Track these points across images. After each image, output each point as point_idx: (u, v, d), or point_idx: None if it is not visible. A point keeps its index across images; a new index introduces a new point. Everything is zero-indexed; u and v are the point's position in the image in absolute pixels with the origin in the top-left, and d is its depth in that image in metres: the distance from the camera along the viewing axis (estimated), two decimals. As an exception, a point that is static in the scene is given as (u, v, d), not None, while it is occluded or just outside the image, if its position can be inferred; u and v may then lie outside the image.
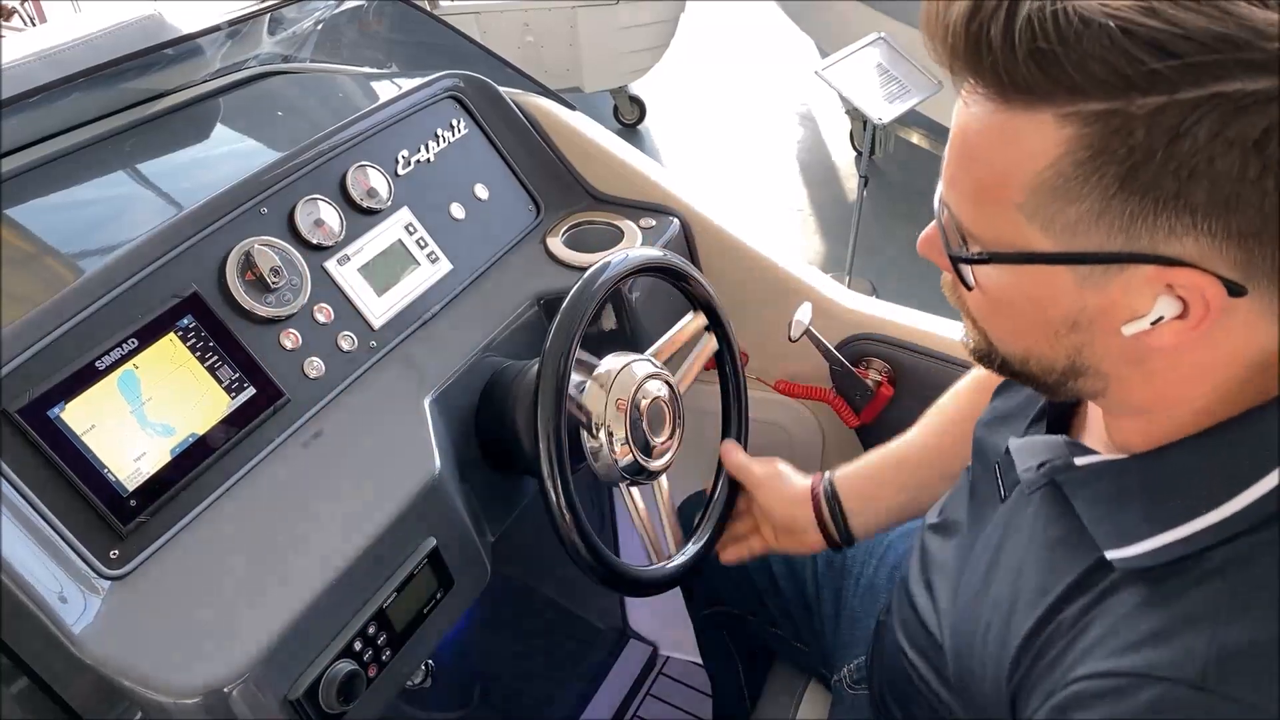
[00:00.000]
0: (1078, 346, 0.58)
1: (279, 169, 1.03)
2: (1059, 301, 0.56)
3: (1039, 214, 0.53)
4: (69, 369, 0.82)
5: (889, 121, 2.88)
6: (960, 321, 1.23)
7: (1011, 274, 0.57)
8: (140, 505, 0.83)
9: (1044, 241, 0.54)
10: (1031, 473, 0.69)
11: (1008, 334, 0.62)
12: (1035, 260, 0.55)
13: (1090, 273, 0.53)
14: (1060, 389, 0.62)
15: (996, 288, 0.59)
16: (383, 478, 0.90)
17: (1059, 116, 0.49)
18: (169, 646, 0.76)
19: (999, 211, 0.55)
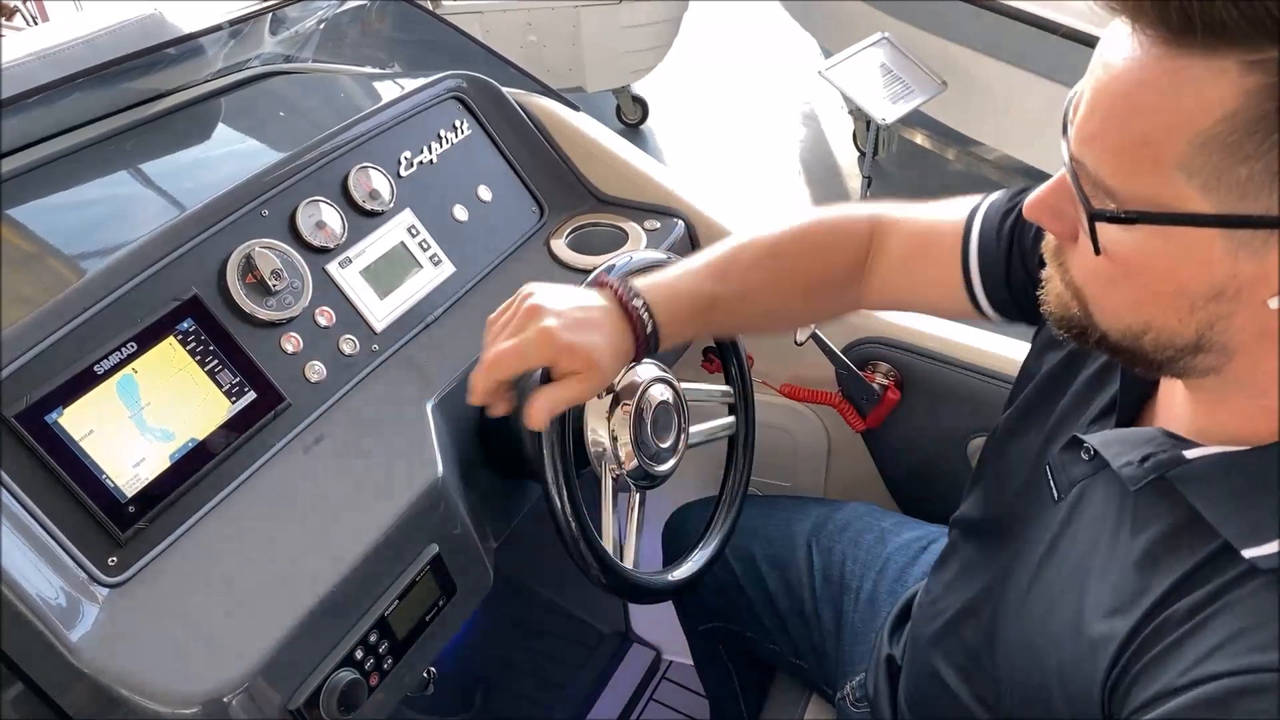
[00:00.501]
0: (1212, 320, 0.54)
1: (280, 170, 1.02)
2: (1206, 268, 0.52)
3: (1203, 172, 0.49)
4: (67, 373, 0.81)
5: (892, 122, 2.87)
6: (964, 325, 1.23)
7: (1156, 237, 0.53)
8: (139, 512, 0.82)
9: (1203, 203, 0.50)
10: (1133, 467, 0.63)
11: (1128, 304, 0.57)
12: (1193, 223, 0.50)
13: (1250, 239, 0.49)
14: (1169, 365, 0.58)
15: (1132, 253, 0.54)
16: (385, 483, 0.89)
17: (1244, 64, 0.46)
18: (168, 655, 0.75)
19: (1154, 169, 0.50)
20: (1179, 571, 0.57)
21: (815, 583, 1.14)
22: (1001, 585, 0.76)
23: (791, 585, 1.15)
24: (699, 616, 1.27)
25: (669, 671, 1.79)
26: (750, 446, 1.11)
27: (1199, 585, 0.56)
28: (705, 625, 1.27)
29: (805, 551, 1.16)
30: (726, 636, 1.24)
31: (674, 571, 1.00)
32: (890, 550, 1.12)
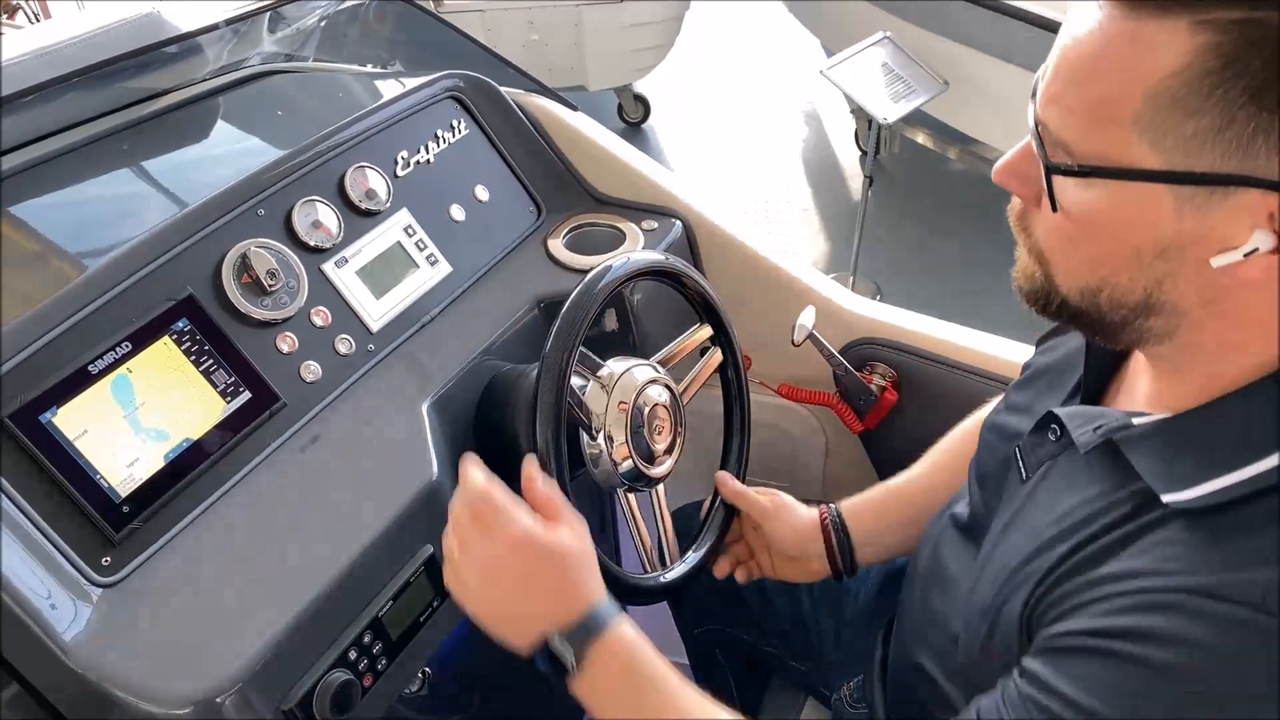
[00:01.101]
0: (1160, 278, 0.56)
1: (277, 169, 1.01)
2: (1154, 224, 0.54)
3: (1153, 128, 0.52)
4: (61, 373, 0.81)
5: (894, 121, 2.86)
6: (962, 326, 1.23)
7: (1108, 193, 0.55)
8: (133, 512, 0.82)
9: (1153, 159, 0.53)
10: (1088, 434, 0.67)
11: (1084, 262, 0.60)
12: (1142, 177, 0.53)
13: (1194, 195, 0.52)
14: (1124, 329, 0.61)
15: (1087, 209, 0.57)
16: (380, 483, 0.89)
17: (1194, 24, 0.49)
18: (161, 655, 0.75)
19: (1109, 126, 0.54)
20: (1108, 518, 0.61)
21: (814, 584, 1.14)
22: (970, 567, 0.79)
23: (790, 588, 1.15)
24: (695, 619, 1.27)
25: (666, 671, 1.78)
26: (746, 447, 1.10)
27: (1128, 521, 0.60)
28: (701, 628, 1.26)
29: None
30: (723, 639, 1.24)
31: (667, 573, 1.00)
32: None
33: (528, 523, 0.76)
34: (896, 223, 3.58)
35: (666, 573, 0.99)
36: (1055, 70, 0.57)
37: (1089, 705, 0.55)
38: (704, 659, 1.31)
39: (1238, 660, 0.51)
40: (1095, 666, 0.56)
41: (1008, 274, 0.82)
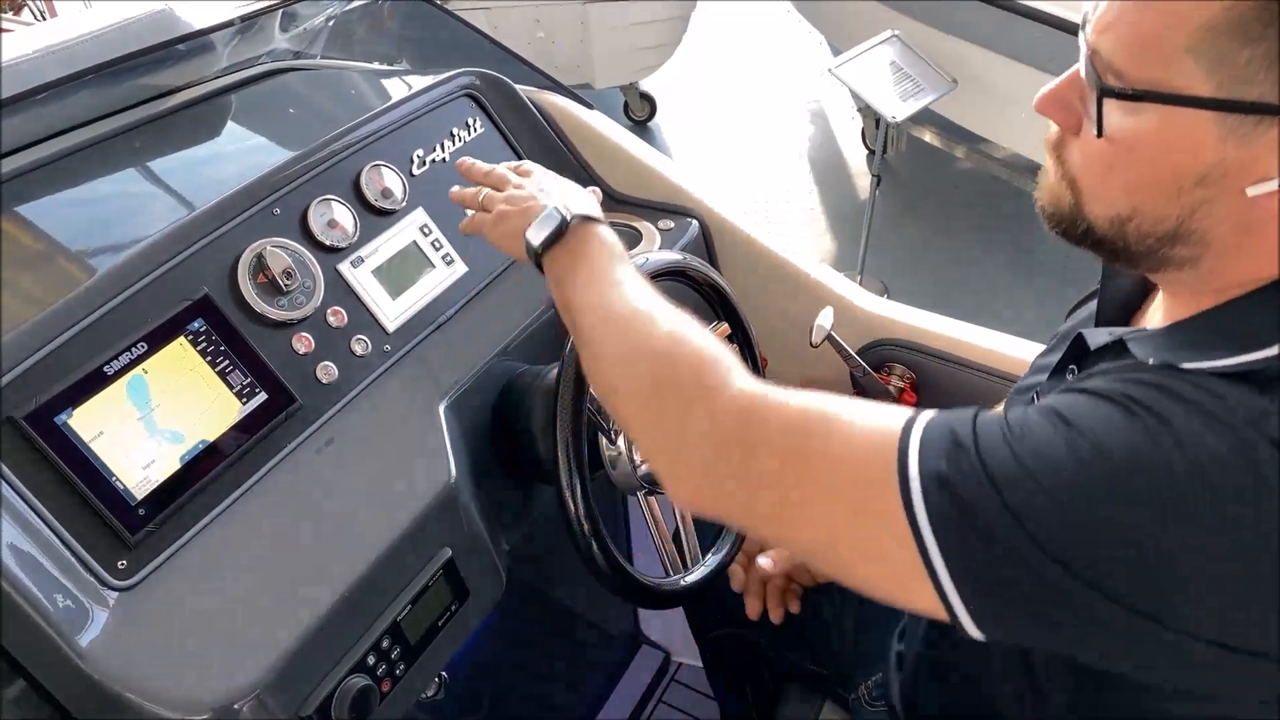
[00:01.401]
0: (1195, 205, 0.57)
1: (292, 168, 1.00)
2: (1198, 151, 0.55)
3: (1208, 55, 0.53)
4: (76, 374, 0.80)
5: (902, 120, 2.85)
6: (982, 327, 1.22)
7: (1156, 118, 0.56)
8: (149, 514, 0.81)
9: (1205, 86, 0.53)
10: (1102, 337, 0.68)
11: (1120, 188, 0.60)
12: (1194, 104, 0.54)
13: (1241, 123, 0.53)
14: (1147, 257, 0.61)
15: (1131, 134, 0.58)
16: (397, 486, 0.88)
17: None
18: (178, 661, 0.74)
19: (1163, 52, 0.54)
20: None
21: (834, 586, 1.13)
22: None
23: (810, 590, 1.14)
24: (711, 623, 1.26)
25: (678, 674, 1.78)
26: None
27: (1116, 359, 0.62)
28: (717, 632, 1.25)
29: None
30: (739, 643, 1.23)
31: (686, 576, 0.99)
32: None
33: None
34: (903, 222, 3.57)
35: (687, 576, 0.98)
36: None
37: (1076, 420, 0.56)
38: (720, 663, 1.31)
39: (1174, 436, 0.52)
40: (1090, 399, 0.57)
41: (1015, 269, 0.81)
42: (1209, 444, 0.52)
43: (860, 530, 0.59)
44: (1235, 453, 0.51)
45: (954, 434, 0.58)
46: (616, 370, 0.73)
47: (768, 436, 0.62)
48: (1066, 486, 0.53)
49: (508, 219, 0.88)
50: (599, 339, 0.75)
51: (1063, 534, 0.53)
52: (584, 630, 1.73)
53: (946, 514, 0.56)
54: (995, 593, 0.56)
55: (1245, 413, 0.52)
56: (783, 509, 0.62)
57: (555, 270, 0.82)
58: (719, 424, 0.64)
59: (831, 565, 0.63)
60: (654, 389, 0.69)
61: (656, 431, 0.68)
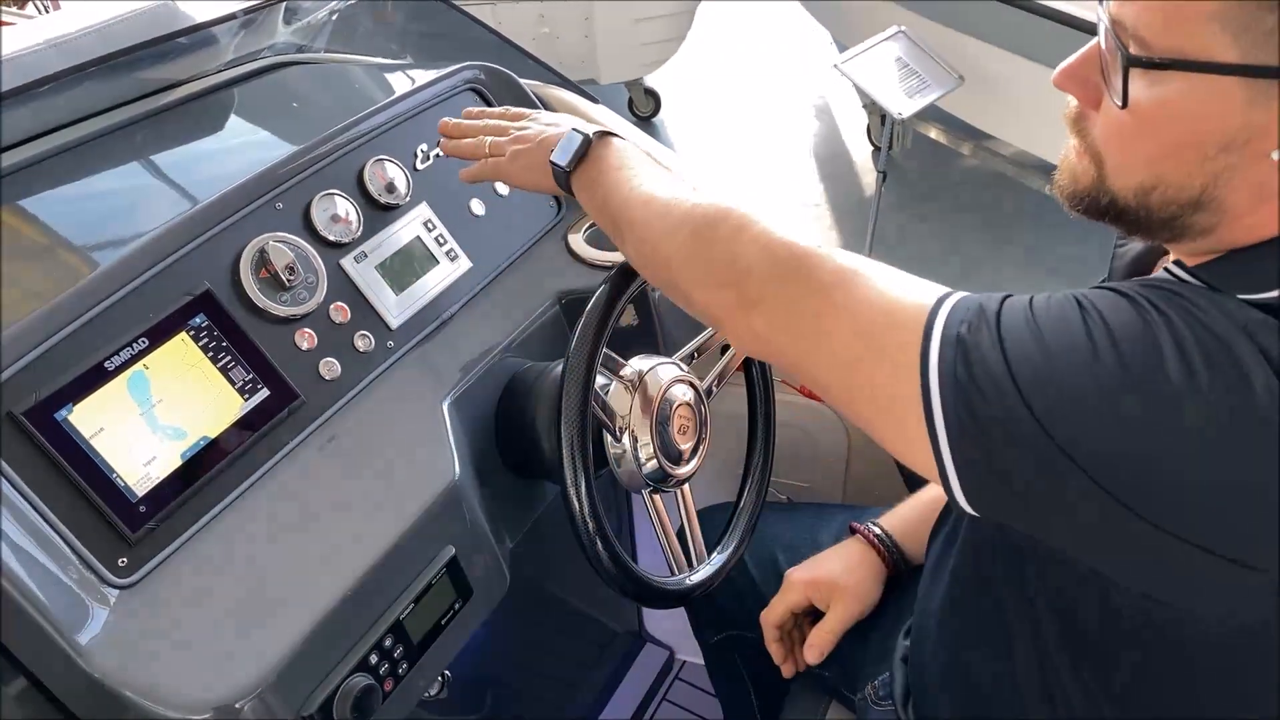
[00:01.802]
0: (1218, 171, 0.58)
1: (295, 163, 0.99)
2: (1224, 118, 0.56)
3: (1233, 21, 0.53)
4: (77, 370, 0.79)
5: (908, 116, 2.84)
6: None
7: (1180, 87, 0.57)
8: (150, 511, 0.81)
9: (1230, 51, 0.54)
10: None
11: (1144, 158, 0.61)
12: (1221, 70, 0.54)
13: (1266, 89, 0.54)
14: (1170, 225, 0.62)
15: (1155, 103, 0.58)
16: (400, 484, 0.88)
17: None
18: (178, 660, 0.74)
19: (1189, 20, 0.55)
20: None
21: None
22: None
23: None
24: (715, 626, 1.25)
25: (682, 672, 1.77)
26: (770, 449, 1.08)
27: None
28: (721, 636, 1.24)
29: None
30: (743, 645, 1.22)
31: (692, 575, 0.98)
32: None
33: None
34: (909, 219, 3.55)
35: (693, 575, 0.98)
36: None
37: (1100, 314, 0.57)
38: (723, 666, 1.30)
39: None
40: (1065, 304, 0.59)
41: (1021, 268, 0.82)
42: (1199, 339, 0.54)
43: (876, 371, 0.62)
44: (1221, 352, 0.53)
45: (982, 306, 0.60)
46: (665, 241, 0.77)
47: (822, 261, 0.67)
48: (1073, 370, 0.55)
49: (526, 154, 0.92)
50: (642, 220, 0.79)
51: (1061, 414, 0.55)
52: (587, 628, 1.72)
53: (956, 374, 0.58)
54: (986, 458, 0.58)
55: (1240, 318, 0.54)
56: (816, 336, 0.66)
57: (586, 183, 0.86)
58: (772, 250, 0.69)
59: (844, 404, 0.66)
60: (701, 239, 0.74)
61: (714, 279, 0.72)
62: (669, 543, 0.99)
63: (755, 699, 1.27)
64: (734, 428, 1.10)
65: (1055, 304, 0.59)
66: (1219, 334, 0.54)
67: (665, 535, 0.98)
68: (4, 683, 0.77)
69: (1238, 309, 0.55)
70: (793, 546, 1.15)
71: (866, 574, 1.05)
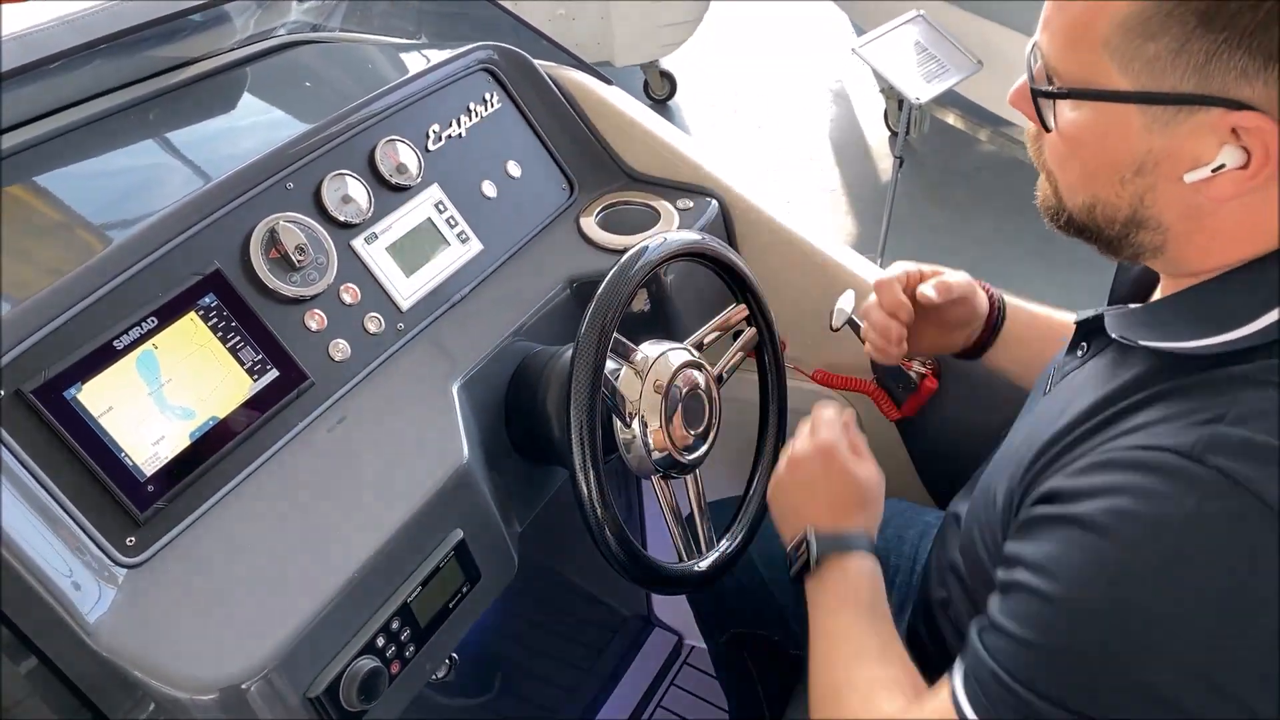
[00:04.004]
0: (1140, 193, 0.61)
1: (306, 142, 0.99)
2: (1127, 142, 0.59)
3: (1120, 51, 0.56)
4: (86, 348, 0.79)
5: (926, 101, 2.81)
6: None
7: (1088, 113, 0.60)
8: (158, 491, 0.80)
9: (1121, 80, 0.57)
10: (1089, 314, 0.74)
11: (1077, 179, 0.64)
12: (1110, 98, 0.58)
13: (1160, 114, 0.57)
14: (1122, 244, 0.65)
15: (1073, 127, 0.62)
16: (409, 466, 0.87)
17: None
18: (185, 639, 0.74)
19: (1085, 50, 0.58)
20: (1109, 388, 0.65)
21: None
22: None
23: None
24: (723, 625, 1.24)
25: (690, 657, 1.77)
26: (781, 436, 1.07)
27: (1124, 396, 0.63)
28: (729, 634, 1.23)
29: None
30: (751, 640, 1.21)
31: (700, 562, 0.98)
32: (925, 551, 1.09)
33: (844, 448, 0.91)
34: (925, 205, 3.52)
35: (700, 561, 0.97)
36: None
37: (1044, 567, 0.60)
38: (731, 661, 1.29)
39: (1180, 517, 0.54)
40: (1051, 532, 0.60)
41: (1038, 257, 0.82)
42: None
43: None
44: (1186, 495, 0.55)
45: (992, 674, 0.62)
46: (815, 701, 0.80)
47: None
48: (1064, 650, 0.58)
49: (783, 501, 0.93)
50: (813, 668, 0.81)
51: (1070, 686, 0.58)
52: (595, 613, 1.72)
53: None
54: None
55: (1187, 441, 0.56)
56: None
57: (806, 592, 0.87)
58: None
59: None
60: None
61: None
62: (677, 529, 0.98)
63: (763, 696, 1.26)
64: (745, 414, 1.09)
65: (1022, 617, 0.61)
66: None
67: (674, 522, 0.97)
68: (14, 662, 0.78)
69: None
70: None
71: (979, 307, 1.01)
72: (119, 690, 0.77)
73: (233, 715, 0.72)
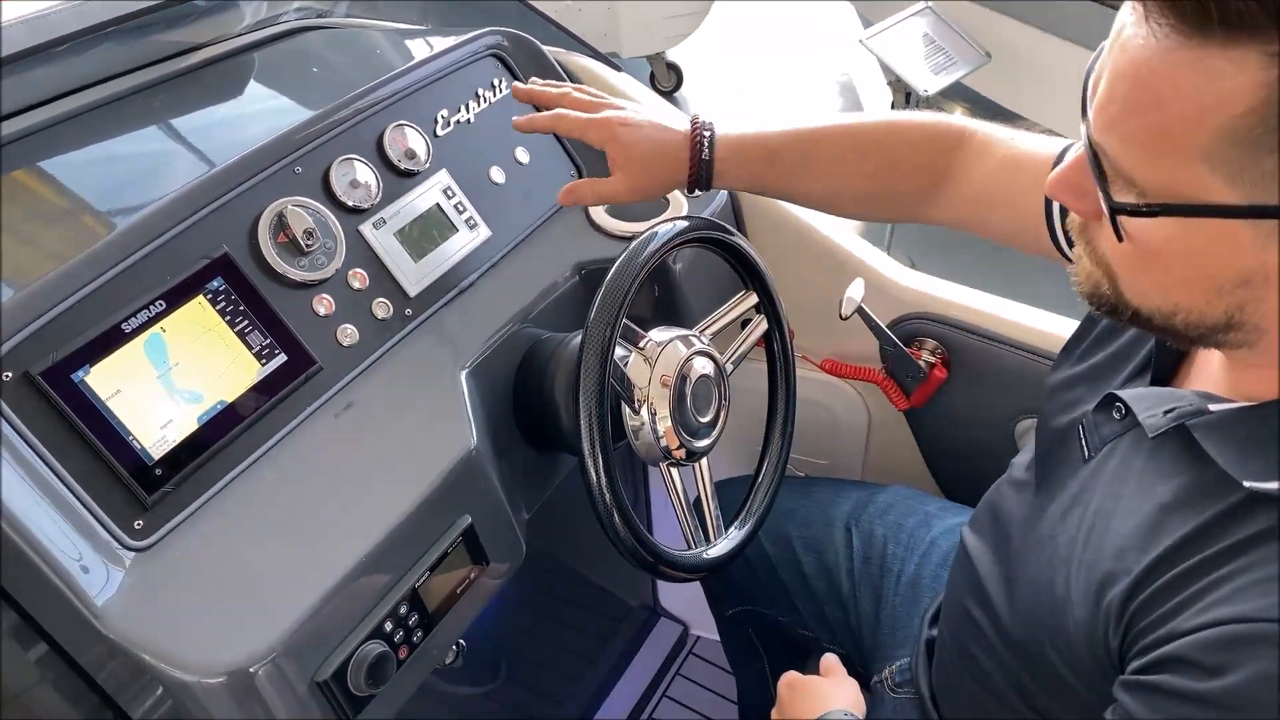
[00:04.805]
0: (1241, 303, 0.54)
1: (314, 127, 0.98)
2: (1233, 257, 0.52)
3: (1226, 164, 0.49)
4: (93, 331, 0.79)
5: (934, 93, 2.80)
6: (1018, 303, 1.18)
7: (1180, 226, 0.52)
8: (166, 475, 0.80)
9: (1229, 193, 0.49)
10: (1157, 418, 0.64)
11: (1155, 288, 0.57)
12: (1218, 214, 0.50)
13: (1276, 227, 0.49)
14: (1204, 340, 0.59)
15: (1157, 240, 0.54)
16: (417, 452, 0.87)
17: (1265, 55, 0.45)
18: (193, 623, 0.73)
19: (1176, 159, 0.50)
20: (1196, 521, 0.58)
21: (854, 566, 1.11)
22: (1024, 536, 0.76)
23: (828, 568, 1.12)
24: (729, 600, 1.24)
25: (696, 647, 1.77)
26: (789, 424, 1.07)
27: (1218, 538, 0.57)
28: (735, 609, 1.24)
29: (844, 534, 1.13)
30: (758, 621, 1.21)
31: (708, 549, 0.97)
32: (935, 534, 1.09)
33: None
34: (932, 198, 3.51)
35: (710, 549, 0.97)
36: (1109, 91, 0.52)
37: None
38: (738, 641, 1.29)
39: None
40: (1185, 707, 0.54)
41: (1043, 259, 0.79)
42: None
43: None
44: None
45: None
46: None
47: None
48: None
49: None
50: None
51: None
52: (602, 601, 1.72)
53: None
54: None
55: None
56: None
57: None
58: None
59: None
60: None
61: None
62: (686, 517, 0.98)
63: (771, 674, 1.26)
64: (753, 402, 1.09)
65: None
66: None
67: (682, 509, 0.97)
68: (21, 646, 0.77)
69: None
70: (806, 523, 1.14)
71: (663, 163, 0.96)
72: (127, 674, 0.76)
73: (240, 699, 0.71)
